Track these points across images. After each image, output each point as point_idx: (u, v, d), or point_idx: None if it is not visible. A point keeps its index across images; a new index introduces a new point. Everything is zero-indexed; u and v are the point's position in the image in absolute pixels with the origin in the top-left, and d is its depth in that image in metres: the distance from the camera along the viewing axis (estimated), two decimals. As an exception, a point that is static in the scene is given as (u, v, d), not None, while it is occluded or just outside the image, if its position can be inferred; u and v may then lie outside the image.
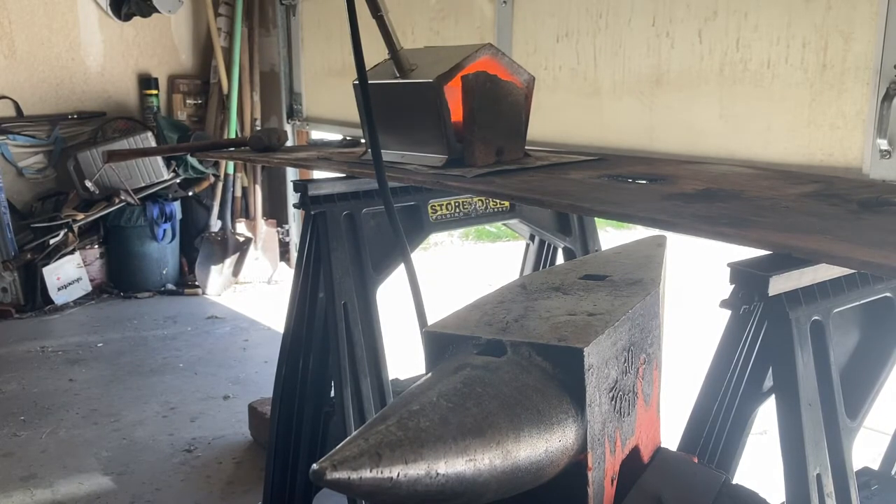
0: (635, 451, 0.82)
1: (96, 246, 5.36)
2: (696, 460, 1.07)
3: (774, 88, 2.01)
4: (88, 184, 5.09)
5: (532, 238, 2.91)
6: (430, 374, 0.66)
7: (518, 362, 0.67)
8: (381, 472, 0.51)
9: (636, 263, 0.99)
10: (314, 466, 0.49)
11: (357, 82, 0.98)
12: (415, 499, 0.54)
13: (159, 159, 5.23)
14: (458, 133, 1.98)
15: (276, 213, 5.87)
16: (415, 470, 0.53)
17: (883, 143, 1.72)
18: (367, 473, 0.51)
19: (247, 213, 5.76)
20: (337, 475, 0.50)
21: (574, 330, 0.72)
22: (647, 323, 0.85)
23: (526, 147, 2.12)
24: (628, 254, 1.03)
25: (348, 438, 0.53)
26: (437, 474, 0.54)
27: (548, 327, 0.72)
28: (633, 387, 0.80)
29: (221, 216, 5.64)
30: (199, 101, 5.74)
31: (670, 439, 1.03)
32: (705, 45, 2.17)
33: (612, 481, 0.74)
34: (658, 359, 0.89)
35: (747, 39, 2.06)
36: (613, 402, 0.74)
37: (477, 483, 0.57)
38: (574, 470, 0.68)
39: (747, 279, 1.27)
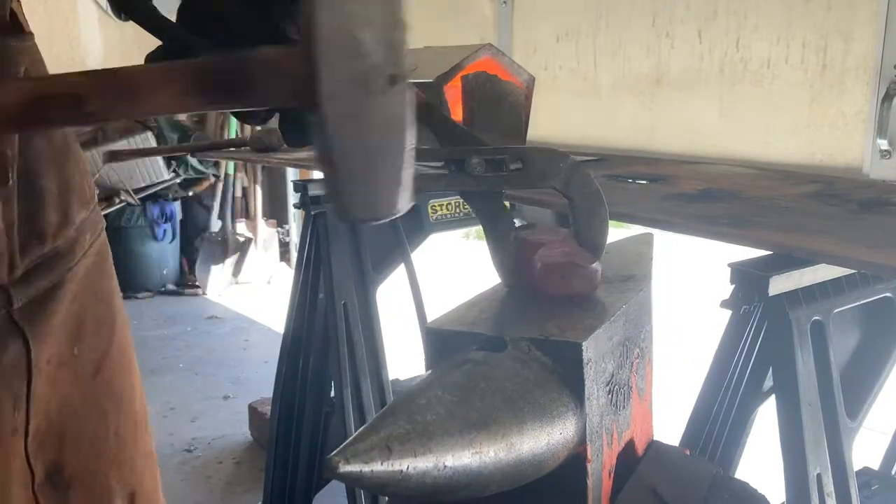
0: (630, 444, 0.83)
1: (96, 246, 5.35)
2: (688, 453, 1.08)
3: (774, 88, 2.02)
4: (88, 184, 5.08)
5: (532, 238, 2.91)
6: (432, 370, 0.66)
7: (518, 357, 0.68)
8: (392, 465, 0.53)
9: (627, 260, 0.99)
10: (327, 458, 0.51)
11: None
12: (423, 491, 0.56)
13: (159, 159, 5.23)
14: (458, 133, 1.99)
15: (276, 213, 5.87)
16: (423, 463, 0.55)
17: (883, 144, 1.73)
18: (378, 466, 0.52)
19: (247, 214, 5.76)
20: (349, 468, 0.51)
21: (572, 325, 0.73)
22: (640, 318, 0.86)
23: (526, 147, 2.11)
24: (618, 251, 1.03)
25: (358, 432, 0.54)
26: (445, 467, 0.56)
27: (546, 322, 0.73)
28: (627, 381, 0.81)
29: (222, 216, 5.64)
30: (200, 102, 5.73)
31: (670, 439, 1.04)
32: (705, 45, 2.17)
33: (610, 473, 0.75)
34: (650, 354, 0.91)
35: (747, 39, 2.06)
36: (610, 396, 0.75)
37: (482, 475, 0.59)
38: (573, 462, 0.70)
39: (747, 279, 1.27)
